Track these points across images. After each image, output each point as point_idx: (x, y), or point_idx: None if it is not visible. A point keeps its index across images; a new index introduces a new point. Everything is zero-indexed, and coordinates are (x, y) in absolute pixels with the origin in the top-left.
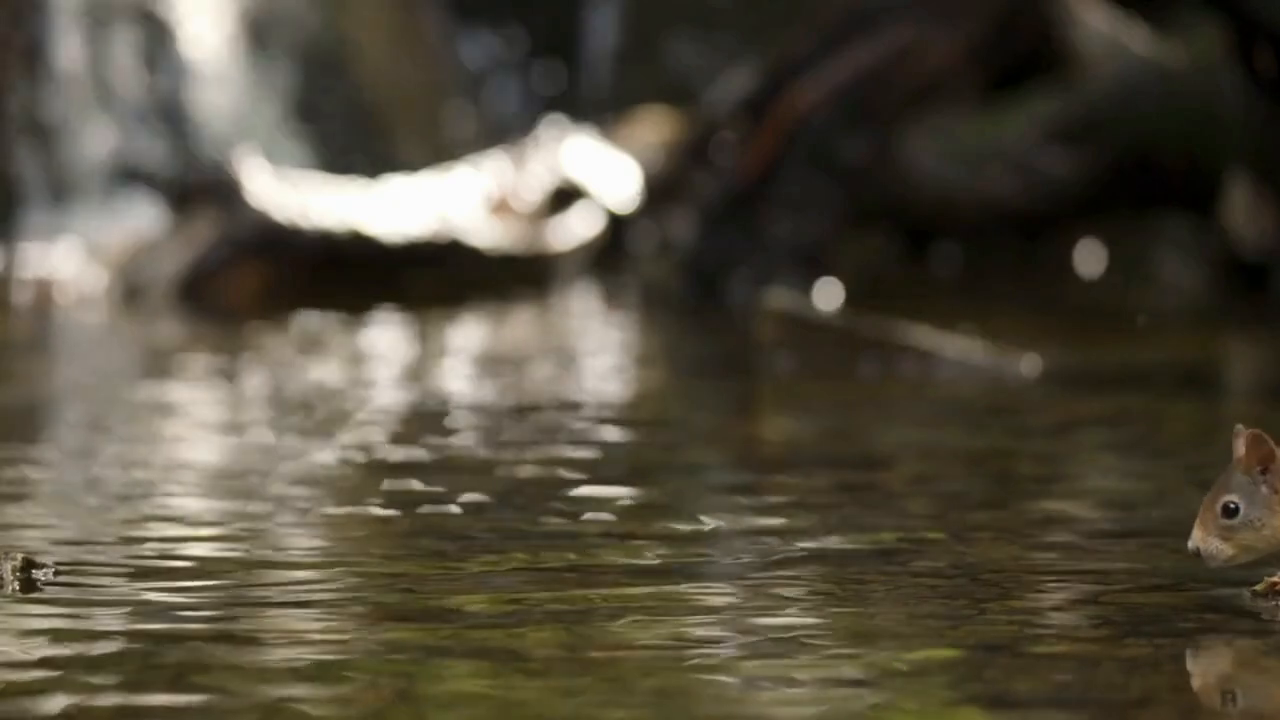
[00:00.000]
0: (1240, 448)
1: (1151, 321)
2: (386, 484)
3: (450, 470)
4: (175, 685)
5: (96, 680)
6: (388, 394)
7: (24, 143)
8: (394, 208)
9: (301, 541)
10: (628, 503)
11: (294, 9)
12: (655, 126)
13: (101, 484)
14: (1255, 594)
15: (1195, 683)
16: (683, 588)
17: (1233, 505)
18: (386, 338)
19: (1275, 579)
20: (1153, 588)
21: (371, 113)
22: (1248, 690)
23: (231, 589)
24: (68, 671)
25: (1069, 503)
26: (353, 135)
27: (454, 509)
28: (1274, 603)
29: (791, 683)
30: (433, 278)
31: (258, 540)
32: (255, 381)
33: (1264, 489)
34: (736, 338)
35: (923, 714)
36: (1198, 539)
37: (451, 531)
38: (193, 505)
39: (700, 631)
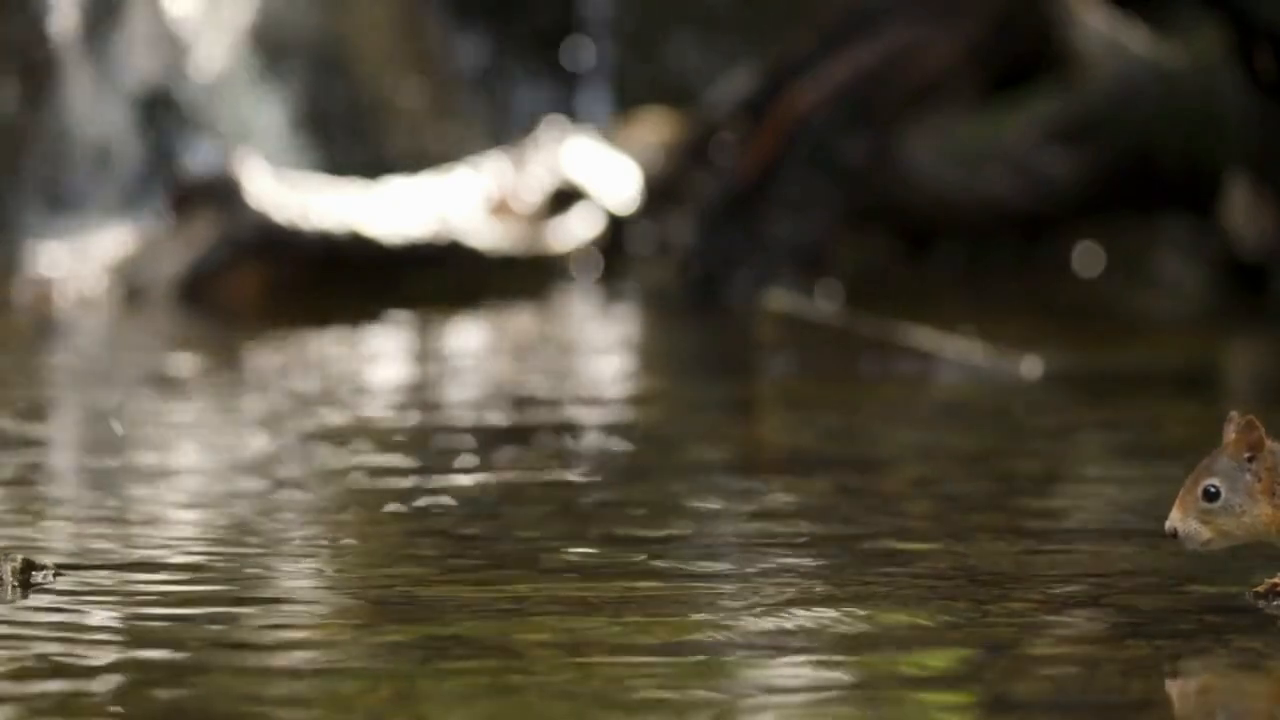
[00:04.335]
0: (1230, 432)
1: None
2: (386, 486)
3: (450, 471)
4: (175, 687)
5: (96, 682)
6: (387, 395)
7: (25, 143)
8: (394, 209)
9: (301, 543)
10: (627, 503)
11: (295, 10)
12: (655, 127)
13: (101, 486)
14: (1256, 595)
15: (1195, 684)
16: (682, 589)
17: (1214, 489)
18: (386, 339)
19: (1276, 580)
20: (1153, 589)
21: (372, 114)
22: (1247, 692)
23: (231, 591)
24: (67, 673)
25: (1069, 504)
26: (353, 136)
27: (453, 510)
28: (1275, 603)
29: (791, 684)
30: (433, 279)
31: (257, 542)
32: (254, 382)
33: (1248, 476)
34: (736, 338)
35: (923, 716)
36: (1176, 520)
37: (451, 532)
38: (193, 507)
39: (699, 633)
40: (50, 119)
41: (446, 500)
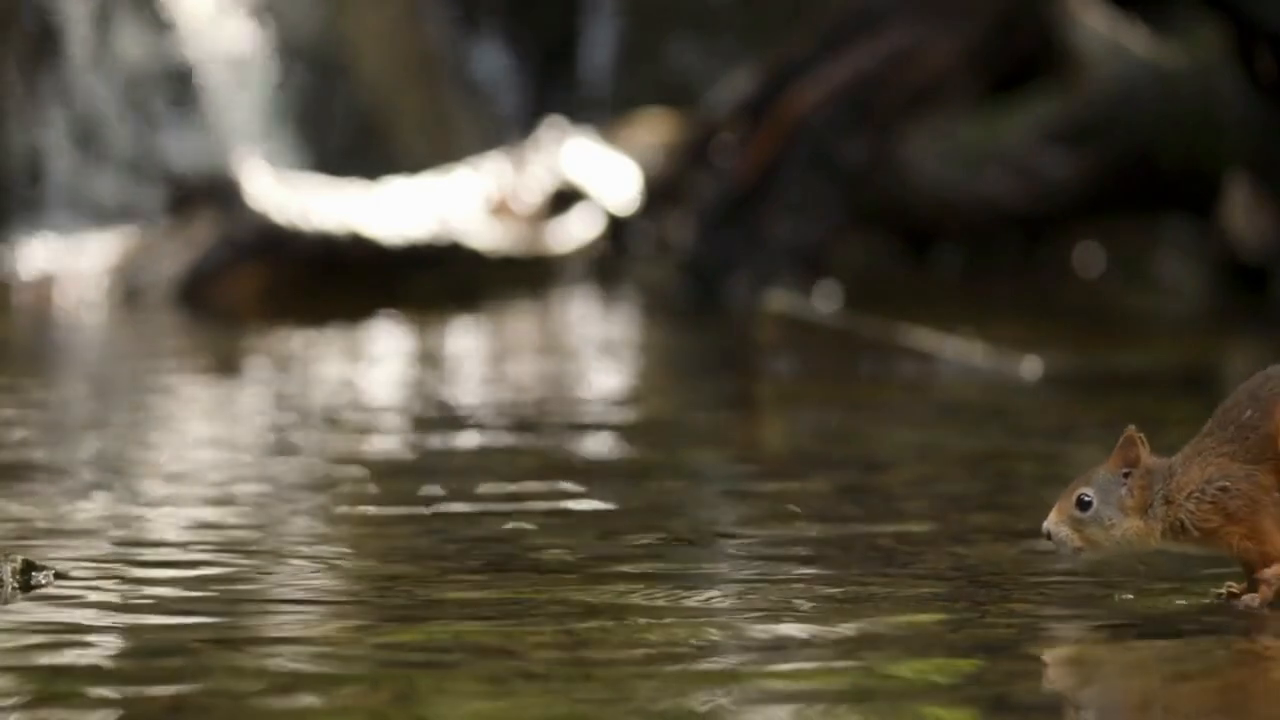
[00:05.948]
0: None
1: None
2: (385, 486)
3: (450, 472)
4: (175, 688)
5: (96, 683)
6: (387, 396)
7: (26, 145)
8: (394, 210)
9: (301, 544)
10: (627, 504)
11: (295, 11)
12: (655, 128)
13: (101, 487)
14: (1230, 595)
15: (1195, 685)
16: (682, 590)
17: (1087, 499)
18: (386, 340)
19: (1234, 586)
20: (1153, 589)
21: (372, 114)
22: (1246, 692)
23: (231, 591)
24: (67, 674)
25: None
26: (353, 137)
27: (454, 511)
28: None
29: (791, 685)
30: (433, 279)
31: (257, 543)
32: (254, 384)
33: (1122, 490)
34: (736, 339)
35: (923, 717)
36: (1050, 523)
37: (451, 533)
38: (192, 508)
39: (699, 633)
40: (53, 119)
41: (447, 500)
